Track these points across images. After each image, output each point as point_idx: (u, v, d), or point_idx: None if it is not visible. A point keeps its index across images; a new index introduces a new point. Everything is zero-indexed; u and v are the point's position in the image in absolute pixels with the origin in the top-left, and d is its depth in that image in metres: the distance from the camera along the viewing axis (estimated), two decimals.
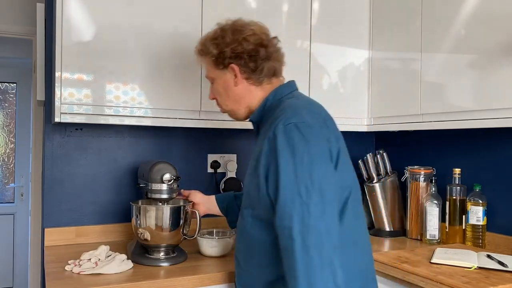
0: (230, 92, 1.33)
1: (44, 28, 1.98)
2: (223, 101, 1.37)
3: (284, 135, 1.10)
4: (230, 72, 1.31)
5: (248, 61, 1.28)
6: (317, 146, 1.10)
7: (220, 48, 1.30)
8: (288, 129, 1.11)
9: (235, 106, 1.35)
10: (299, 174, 1.06)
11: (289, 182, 1.07)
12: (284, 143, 1.10)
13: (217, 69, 1.33)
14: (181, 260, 1.60)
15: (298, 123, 1.11)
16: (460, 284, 1.32)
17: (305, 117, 1.14)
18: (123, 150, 1.99)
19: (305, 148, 1.08)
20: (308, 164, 1.07)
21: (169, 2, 1.74)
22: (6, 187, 4.36)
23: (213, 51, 1.31)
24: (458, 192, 1.89)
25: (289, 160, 1.08)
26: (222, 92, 1.35)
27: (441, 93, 1.76)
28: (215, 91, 1.38)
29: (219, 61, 1.31)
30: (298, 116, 1.14)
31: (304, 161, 1.07)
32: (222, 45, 1.30)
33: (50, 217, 1.87)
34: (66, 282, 1.36)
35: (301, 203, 1.04)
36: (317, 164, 1.08)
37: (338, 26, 2.09)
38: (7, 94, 4.41)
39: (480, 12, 1.61)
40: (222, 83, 1.34)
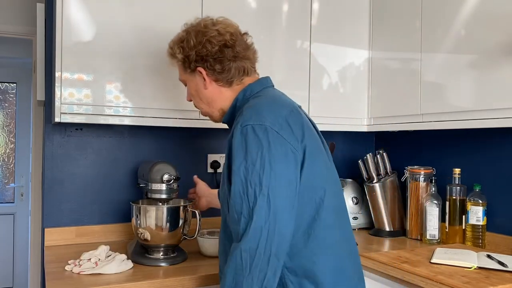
0: (202, 95, 1.31)
1: (44, 28, 1.98)
2: (198, 103, 1.36)
3: (240, 137, 1.08)
4: (199, 75, 1.28)
5: (213, 63, 1.25)
6: (273, 150, 1.05)
7: (185, 52, 1.28)
8: (244, 131, 1.08)
9: (208, 109, 1.33)
10: (248, 178, 1.04)
11: (239, 186, 1.05)
12: (239, 146, 1.07)
13: (186, 73, 1.32)
14: (181, 260, 1.60)
15: (255, 125, 1.07)
16: (460, 284, 1.32)
17: (264, 118, 1.09)
18: (123, 150, 1.99)
19: (258, 152, 1.05)
20: (260, 169, 1.03)
21: (169, 2, 1.75)
22: (6, 187, 4.36)
23: (179, 56, 1.30)
24: (458, 192, 1.89)
25: (242, 163, 1.06)
26: (195, 95, 1.33)
27: (441, 93, 1.76)
28: (190, 94, 1.37)
29: (186, 65, 1.29)
30: (256, 117, 1.09)
31: (255, 166, 1.04)
32: (186, 48, 1.27)
33: (50, 217, 1.87)
34: (66, 282, 1.36)
35: (247, 208, 1.03)
36: (270, 169, 1.04)
37: (338, 26, 2.09)
38: (7, 94, 4.41)
39: (480, 12, 1.61)
40: (194, 86, 1.32)
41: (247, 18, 1.89)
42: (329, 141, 2.18)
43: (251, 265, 1.01)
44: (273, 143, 1.06)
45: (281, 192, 1.04)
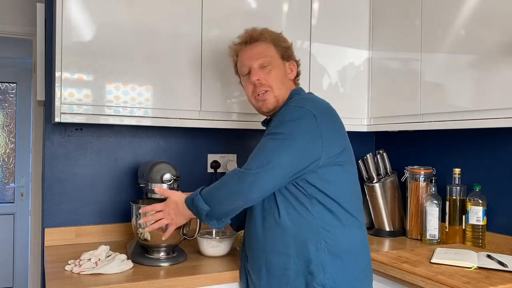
0: (285, 81, 1.48)
1: (44, 28, 1.98)
2: (276, 84, 1.45)
3: (284, 110, 1.33)
4: (290, 65, 1.50)
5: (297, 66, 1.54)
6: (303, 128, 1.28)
7: (287, 44, 1.50)
8: (287, 108, 1.33)
9: (282, 91, 1.46)
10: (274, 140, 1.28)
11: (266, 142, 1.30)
12: (282, 116, 1.32)
13: (279, 58, 1.48)
14: (181, 260, 1.60)
15: (297, 105, 1.32)
16: (460, 284, 1.32)
17: (305, 103, 1.32)
18: (123, 150, 1.99)
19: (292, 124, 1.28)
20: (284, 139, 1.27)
21: (169, 2, 1.74)
22: (6, 187, 4.36)
23: (286, 43, 1.50)
24: (458, 192, 1.89)
25: (277, 127, 1.30)
26: (279, 77, 1.46)
27: (441, 93, 1.76)
28: (269, 75, 1.45)
29: (288, 53, 1.50)
30: (300, 102, 1.33)
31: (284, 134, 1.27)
32: (288, 43, 1.51)
33: (50, 217, 1.87)
34: (66, 282, 1.36)
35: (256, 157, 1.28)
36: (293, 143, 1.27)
37: (338, 26, 2.09)
38: (7, 94, 4.40)
39: (480, 12, 1.61)
40: (283, 71, 1.48)
41: (247, 18, 1.88)
42: None
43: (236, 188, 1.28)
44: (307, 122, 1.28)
45: (290, 163, 1.26)
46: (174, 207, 1.41)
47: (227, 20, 1.85)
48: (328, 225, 1.29)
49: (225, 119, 1.85)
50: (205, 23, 1.80)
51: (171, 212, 1.41)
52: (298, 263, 1.29)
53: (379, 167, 2.12)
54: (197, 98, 1.79)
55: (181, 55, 1.77)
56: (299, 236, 1.29)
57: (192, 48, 1.79)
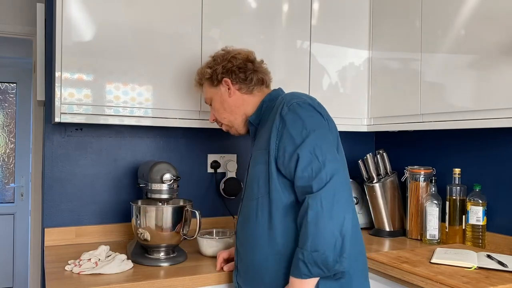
0: (226, 104, 1.48)
1: (44, 28, 1.98)
2: (221, 115, 1.51)
3: (290, 113, 1.26)
4: (224, 85, 1.47)
5: (238, 73, 1.46)
6: (319, 119, 1.27)
7: (212, 68, 1.49)
8: (293, 107, 1.27)
9: (232, 116, 1.49)
10: (312, 141, 1.21)
11: (307, 148, 1.21)
12: (293, 119, 1.25)
13: (212, 87, 1.50)
14: (181, 260, 1.60)
15: (299, 101, 1.28)
16: (460, 284, 1.32)
17: (304, 98, 1.31)
18: (123, 150, 1.99)
19: (312, 119, 1.25)
20: (318, 131, 1.23)
21: (169, 2, 1.74)
22: (6, 187, 4.36)
23: (207, 71, 1.50)
24: (458, 192, 1.89)
25: (302, 130, 1.23)
26: (220, 107, 1.50)
27: (441, 93, 1.76)
28: (214, 110, 1.53)
29: (213, 78, 1.48)
30: (297, 98, 1.30)
31: (315, 129, 1.23)
32: (214, 65, 1.49)
33: (50, 217, 1.87)
34: (66, 282, 1.36)
35: (318, 164, 1.19)
36: (324, 132, 1.25)
37: (338, 26, 2.09)
38: (7, 94, 4.40)
39: (480, 12, 1.61)
40: (219, 98, 1.49)
41: (247, 18, 1.89)
42: None
43: (331, 210, 1.15)
44: (316, 114, 1.27)
45: (334, 150, 1.24)
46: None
47: (227, 20, 1.85)
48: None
49: None
50: (205, 23, 1.80)
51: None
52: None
53: (379, 167, 2.12)
54: (197, 98, 1.79)
55: (181, 55, 1.77)
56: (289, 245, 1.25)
57: (192, 48, 1.79)
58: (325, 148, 1.21)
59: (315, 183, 1.17)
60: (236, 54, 1.48)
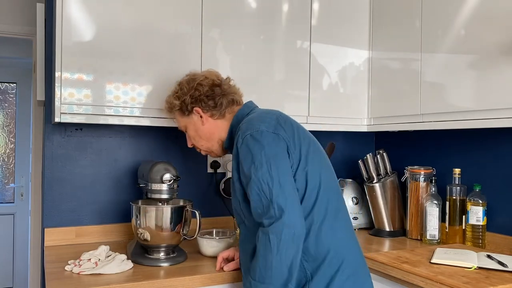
0: (201, 132, 1.50)
1: (44, 28, 1.98)
2: (198, 142, 1.53)
3: (243, 146, 1.27)
4: (195, 114, 1.48)
5: (206, 101, 1.46)
6: (272, 148, 1.24)
7: (181, 99, 1.49)
8: (246, 140, 1.27)
9: (209, 143, 1.51)
10: (259, 176, 1.21)
11: (254, 185, 1.22)
12: (245, 153, 1.26)
13: (184, 116, 1.51)
14: (181, 260, 1.60)
15: (253, 132, 1.26)
16: (460, 284, 1.32)
17: (258, 126, 1.28)
18: (123, 150, 1.99)
19: (261, 152, 1.23)
20: (267, 167, 1.21)
21: (169, 2, 1.74)
22: (6, 187, 4.36)
23: (175, 103, 1.50)
24: (458, 192, 1.89)
25: (251, 166, 1.23)
26: (195, 135, 1.52)
27: (441, 93, 1.76)
28: (191, 138, 1.55)
29: (184, 109, 1.49)
30: (252, 127, 1.28)
31: (263, 165, 1.22)
32: (182, 95, 1.49)
33: (50, 217, 1.87)
34: (66, 282, 1.36)
35: (266, 201, 1.20)
36: (274, 164, 1.22)
37: (338, 26, 2.09)
38: (7, 94, 4.40)
39: (480, 12, 1.61)
40: (193, 126, 1.51)
41: (247, 18, 1.89)
42: (329, 141, 2.19)
43: (279, 246, 1.17)
44: (271, 141, 1.25)
45: (288, 180, 1.23)
46: None
47: (227, 20, 1.85)
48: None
49: None
50: (205, 23, 1.80)
51: None
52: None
53: (379, 167, 2.12)
54: None
55: (181, 55, 1.77)
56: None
57: (192, 48, 1.79)
58: (273, 183, 1.20)
59: (266, 220, 1.20)
60: (202, 80, 1.48)
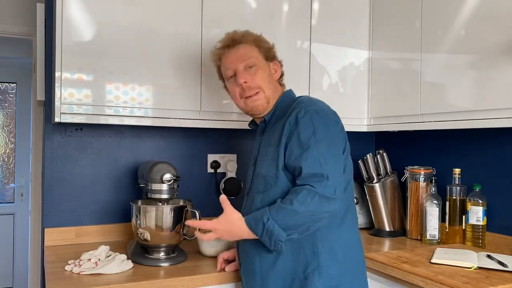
0: (271, 81, 1.46)
1: (44, 28, 1.98)
2: (265, 84, 1.43)
3: (306, 117, 1.28)
4: (274, 66, 1.48)
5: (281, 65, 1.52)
6: (334, 131, 1.31)
7: (269, 45, 1.49)
8: (310, 114, 1.29)
9: (272, 94, 1.45)
10: (319, 149, 1.25)
11: (311, 154, 1.25)
12: (307, 124, 1.28)
13: (263, 59, 1.45)
14: (181, 260, 1.60)
15: (317, 109, 1.30)
16: (460, 284, 1.32)
17: (322, 106, 1.33)
18: (123, 150, 1.99)
19: (324, 129, 1.28)
20: (327, 143, 1.26)
21: (169, 2, 1.74)
22: (6, 187, 4.36)
23: (268, 44, 1.48)
24: (458, 192, 1.89)
25: (311, 137, 1.26)
26: (268, 78, 1.45)
27: (441, 93, 1.76)
28: (257, 76, 1.42)
29: (270, 54, 1.48)
30: (315, 105, 1.32)
31: (324, 140, 1.26)
32: (269, 44, 1.49)
33: (50, 217, 1.87)
34: (66, 282, 1.36)
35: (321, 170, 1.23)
36: (332, 145, 1.28)
37: (338, 26, 2.09)
38: (7, 94, 4.40)
39: (480, 12, 1.61)
40: (268, 71, 1.46)
41: (247, 18, 1.88)
42: None
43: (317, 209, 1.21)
44: (333, 124, 1.32)
45: (341, 162, 1.30)
46: (227, 228, 1.32)
47: (227, 20, 1.85)
48: (324, 226, 1.28)
49: (225, 119, 1.85)
50: (205, 23, 1.80)
51: (223, 233, 1.33)
52: (293, 267, 1.29)
53: (379, 167, 2.12)
54: (197, 98, 1.79)
55: (181, 55, 1.77)
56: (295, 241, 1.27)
57: (192, 48, 1.79)
58: (329, 159, 1.25)
59: (316, 183, 1.23)
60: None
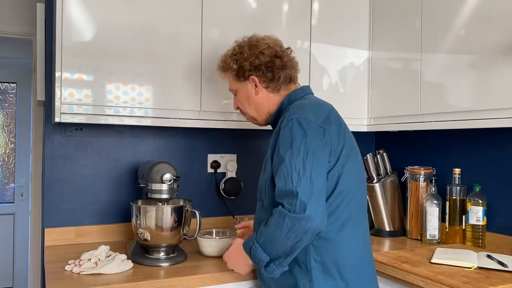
0: (252, 101, 1.46)
1: (44, 28, 1.98)
2: (246, 109, 1.50)
3: (286, 128, 1.24)
4: (251, 83, 1.44)
5: (265, 71, 1.42)
6: (314, 140, 1.22)
7: (239, 63, 1.43)
8: (290, 124, 1.24)
9: (256, 113, 1.48)
10: (293, 162, 1.19)
11: (285, 169, 1.20)
12: (286, 135, 1.24)
13: (238, 82, 1.47)
14: (181, 260, 1.60)
15: (300, 118, 1.24)
16: (460, 284, 1.32)
17: (307, 113, 1.26)
18: (123, 150, 1.99)
19: (302, 140, 1.21)
20: (303, 155, 1.20)
21: (169, 2, 1.74)
22: (6, 187, 4.36)
23: (233, 66, 1.45)
24: (458, 192, 1.89)
25: (288, 149, 1.22)
26: (245, 102, 1.49)
27: (441, 93, 1.76)
28: (239, 102, 1.52)
29: (240, 75, 1.45)
30: (301, 112, 1.26)
31: (300, 152, 1.20)
32: (241, 60, 1.43)
33: (50, 217, 1.87)
34: (66, 282, 1.36)
35: (291, 187, 1.18)
36: (311, 156, 1.20)
37: (338, 26, 2.09)
38: (7, 94, 4.40)
39: (480, 12, 1.61)
40: (244, 93, 1.47)
41: (247, 18, 1.89)
42: None
43: (290, 230, 1.17)
44: (315, 133, 1.23)
45: (320, 174, 1.21)
46: (233, 255, 1.42)
47: (227, 20, 1.85)
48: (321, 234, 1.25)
49: (225, 119, 1.85)
50: (205, 23, 1.80)
51: (232, 261, 1.43)
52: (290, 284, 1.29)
53: (379, 167, 2.12)
54: (197, 98, 1.79)
55: (181, 55, 1.77)
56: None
57: (192, 48, 1.79)
58: (303, 174, 1.18)
59: (286, 204, 1.19)
60: (264, 48, 1.42)
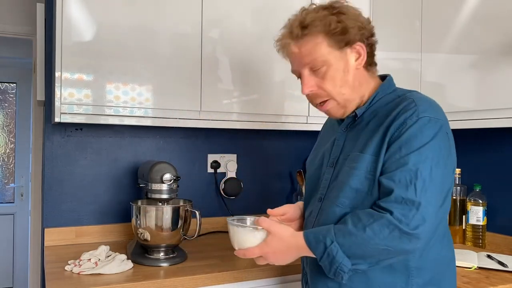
0: (350, 76, 1.12)
1: (44, 28, 1.98)
2: (338, 88, 1.12)
3: (416, 126, 1.04)
4: (354, 52, 1.13)
5: (369, 43, 1.16)
6: (442, 144, 1.05)
7: (344, 23, 1.09)
8: (422, 122, 1.04)
9: (351, 95, 1.13)
10: (420, 168, 1.00)
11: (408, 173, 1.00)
12: (414, 135, 1.03)
13: (334, 49, 1.10)
14: (181, 260, 1.60)
15: (432, 118, 1.06)
16: (460, 284, 1.32)
17: (439, 115, 1.09)
18: (123, 150, 1.99)
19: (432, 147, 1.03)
20: (431, 163, 1.01)
21: (169, 2, 1.74)
22: (6, 187, 4.36)
23: (335, 25, 1.08)
24: (458, 192, 1.89)
25: (413, 152, 1.02)
26: (340, 77, 1.11)
27: (441, 93, 1.76)
28: (328, 79, 1.11)
29: (342, 38, 1.09)
30: (432, 111, 1.08)
31: (427, 158, 1.01)
32: (346, 20, 1.09)
33: (50, 217, 1.87)
34: (66, 282, 1.36)
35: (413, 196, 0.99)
36: (439, 163, 1.03)
37: None
38: (7, 94, 4.41)
39: (480, 12, 1.61)
40: (342, 65, 1.11)
41: (247, 18, 1.88)
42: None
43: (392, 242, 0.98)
44: (445, 140, 1.06)
45: (445, 188, 1.03)
46: (279, 247, 1.09)
47: (227, 20, 1.85)
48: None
49: (225, 119, 1.85)
50: (205, 23, 1.80)
51: (275, 255, 1.10)
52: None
53: None
54: (197, 98, 1.79)
55: (181, 55, 1.76)
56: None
57: (192, 48, 1.79)
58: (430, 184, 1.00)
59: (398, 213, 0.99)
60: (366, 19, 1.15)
